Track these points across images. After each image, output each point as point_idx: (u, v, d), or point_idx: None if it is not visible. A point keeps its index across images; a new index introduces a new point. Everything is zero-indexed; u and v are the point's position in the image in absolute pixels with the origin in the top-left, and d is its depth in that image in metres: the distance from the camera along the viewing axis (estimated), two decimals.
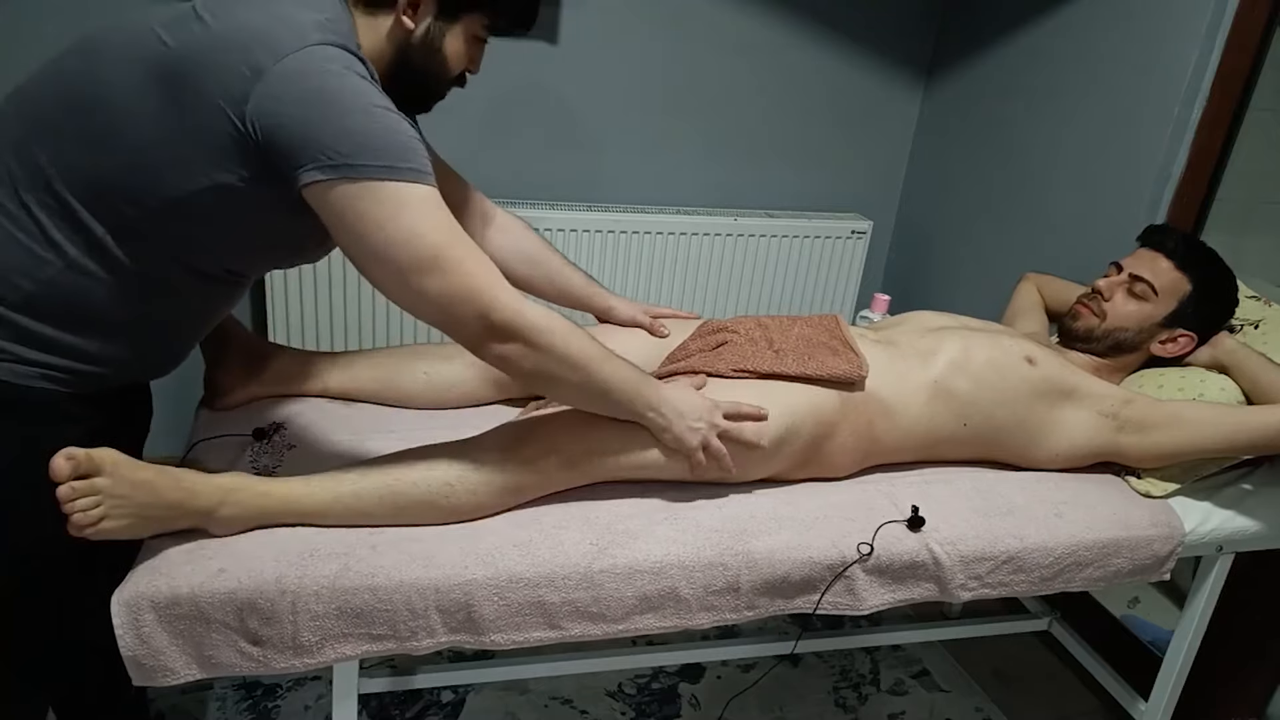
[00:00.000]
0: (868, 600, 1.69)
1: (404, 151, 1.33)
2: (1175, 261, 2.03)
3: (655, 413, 1.58)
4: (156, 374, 1.60)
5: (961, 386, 1.87)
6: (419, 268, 1.34)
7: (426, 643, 1.46)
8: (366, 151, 1.29)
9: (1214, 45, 2.41)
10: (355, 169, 1.29)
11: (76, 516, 1.27)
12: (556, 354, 1.44)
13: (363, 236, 1.33)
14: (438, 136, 2.93)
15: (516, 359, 1.43)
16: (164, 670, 1.37)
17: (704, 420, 1.61)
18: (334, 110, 1.28)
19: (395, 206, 1.31)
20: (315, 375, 1.89)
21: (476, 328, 1.39)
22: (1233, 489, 2.01)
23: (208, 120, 1.29)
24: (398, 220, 1.32)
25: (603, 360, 1.50)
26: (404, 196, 1.32)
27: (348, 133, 1.28)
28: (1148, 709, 2.29)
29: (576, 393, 1.53)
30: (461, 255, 1.36)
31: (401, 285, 1.36)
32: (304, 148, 1.28)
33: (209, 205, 1.35)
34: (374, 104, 1.32)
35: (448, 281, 1.35)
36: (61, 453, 1.25)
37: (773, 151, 3.33)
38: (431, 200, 1.35)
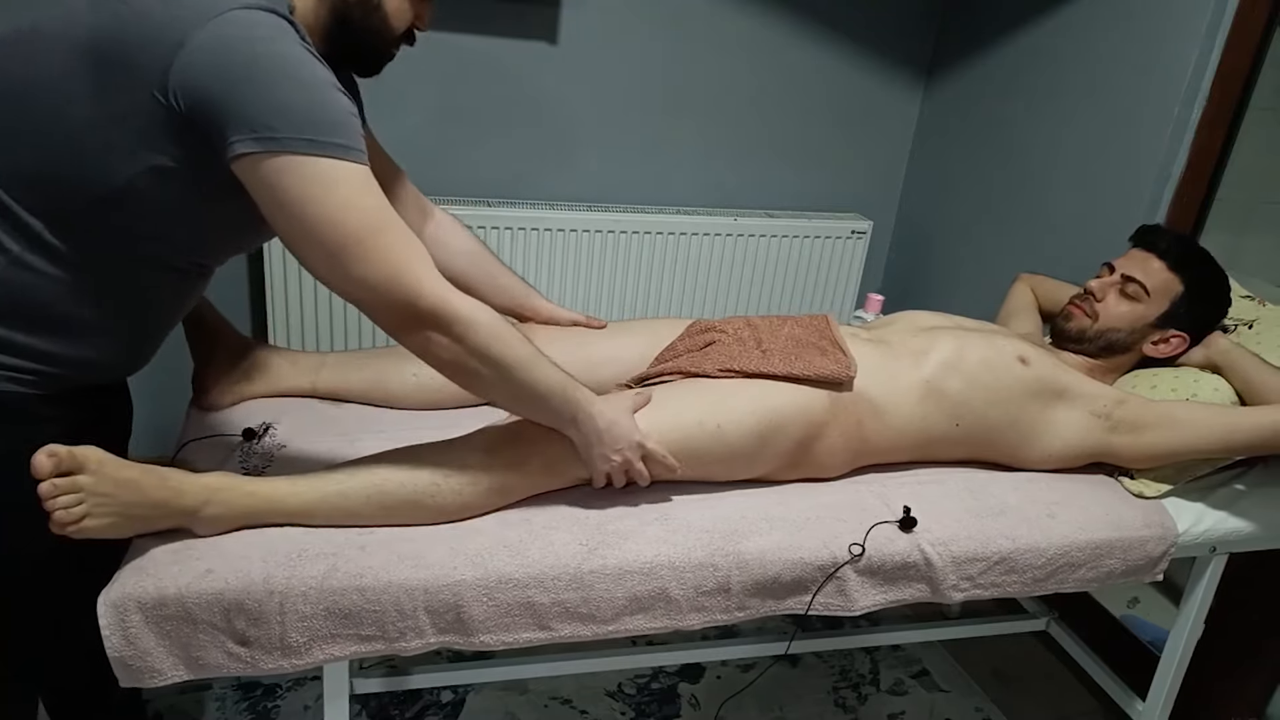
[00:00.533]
0: (859, 601, 1.68)
1: (334, 126, 1.27)
2: (1167, 262, 2.03)
3: (576, 428, 1.54)
4: (125, 371, 1.57)
5: (954, 386, 1.86)
6: (345, 249, 1.29)
7: (415, 643, 1.46)
8: (293, 124, 1.24)
9: (1214, 45, 2.41)
10: (281, 142, 1.23)
11: (58, 514, 1.26)
12: (481, 347, 1.39)
13: (289, 214, 1.28)
14: (438, 136, 2.95)
15: (438, 349, 1.39)
16: (151, 671, 1.37)
17: (622, 454, 1.58)
18: (260, 80, 1.22)
19: (323, 184, 1.26)
20: (305, 375, 1.89)
21: (401, 313, 1.35)
22: (1226, 490, 2.00)
23: (134, 99, 1.24)
24: (325, 199, 1.27)
25: (530, 361, 1.46)
26: (333, 174, 1.27)
27: (274, 104, 1.23)
28: (1145, 709, 2.28)
29: (499, 391, 1.48)
30: (390, 239, 1.32)
31: (328, 266, 1.31)
32: (229, 120, 1.22)
33: (147, 191, 1.31)
34: (304, 74, 1.26)
35: (374, 264, 1.30)
36: (43, 449, 1.24)
37: (773, 151, 3.33)
38: (362, 179, 1.30)
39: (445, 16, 2.82)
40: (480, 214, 2.92)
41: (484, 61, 2.92)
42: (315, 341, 2.91)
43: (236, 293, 2.95)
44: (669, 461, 1.63)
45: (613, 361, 1.91)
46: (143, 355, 1.57)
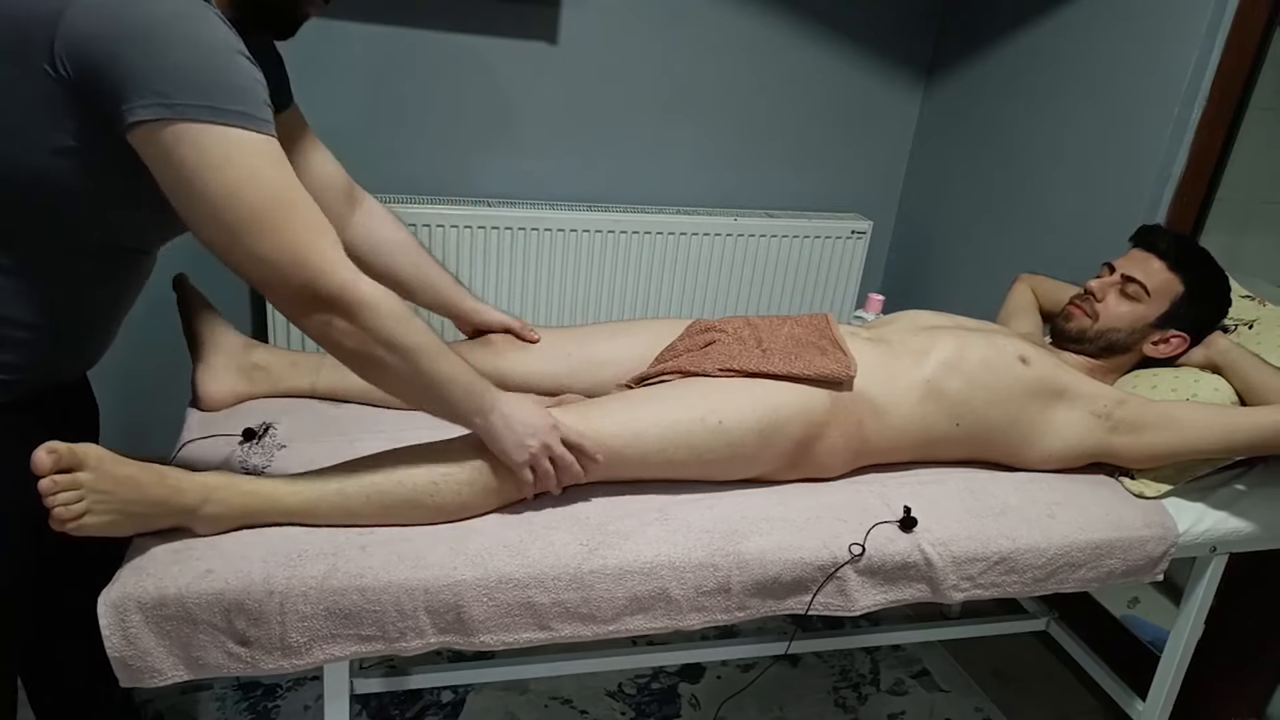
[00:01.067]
0: (859, 601, 1.68)
1: (236, 92, 1.19)
2: (1167, 262, 2.03)
3: (484, 419, 1.48)
4: (83, 366, 1.54)
5: (954, 386, 1.86)
6: (244, 223, 1.21)
7: (416, 643, 1.46)
8: (188, 89, 1.15)
9: (1214, 45, 2.41)
10: (177, 109, 1.15)
11: (58, 511, 1.25)
12: (384, 335, 1.33)
13: (186, 186, 1.20)
14: (438, 136, 2.95)
15: (339, 335, 1.31)
16: (151, 671, 1.37)
17: (537, 439, 1.52)
18: (151, 42, 1.14)
19: (221, 154, 1.18)
20: (305, 376, 1.89)
21: (301, 295, 1.27)
22: (1226, 490, 2.00)
23: (28, 76, 1.17)
24: (225, 169, 1.19)
25: (436, 353, 1.40)
26: (233, 143, 1.19)
27: (169, 67, 1.14)
28: (1145, 709, 2.28)
29: (401, 383, 1.40)
30: (293, 215, 1.25)
31: (226, 242, 1.23)
32: (121, 86, 1.14)
33: (61, 176, 1.24)
34: (203, 35, 1.17)
35: (275, 241, 1.23)
36: (43, 446, 1.23)
37: (773, 151, 3.33)
38: (266, 150, 1.23)
39: (445, 16, 2.82)
40: (480, 214, 2.92)
41: (484, 61, 2.92)
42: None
43: (237, 293, 2.95)
44: (586, 446, 1.58)
45: (613, 361, 1.91)
46: (97, 347, 1.53)
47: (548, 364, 1.90)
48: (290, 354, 1.91)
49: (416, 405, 1.50)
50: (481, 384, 1.48)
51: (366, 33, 2.78)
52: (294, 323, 1.31)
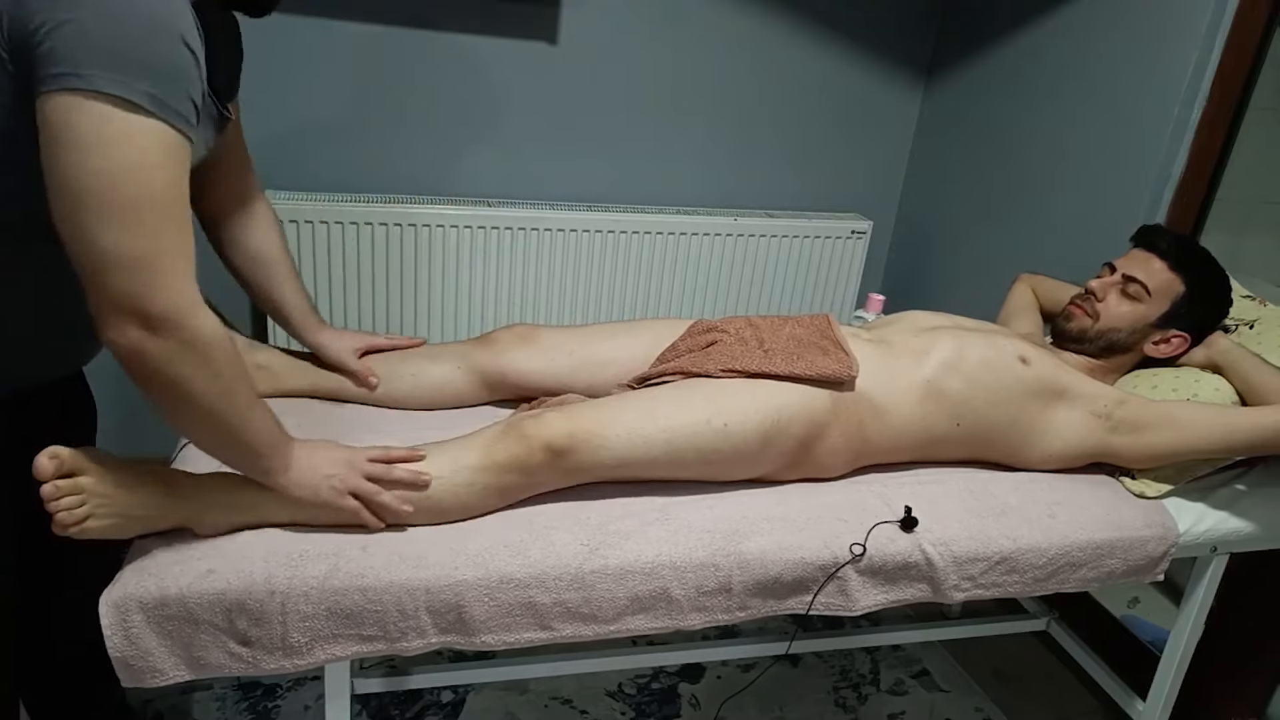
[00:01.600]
0: (860, 601, 1.68)
1: (153, 74, 1.11)
2: (1168, 262, 2.03)
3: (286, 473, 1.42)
4: (73, 362, 1.52)
5: (954, 386, 1.86)
6: (106, 211, 1.11)
7: (417, 643, 1.46)
8: (98, 59, 1.07)
9: (1214, 45, 2.41)
10: (83, 78, 1.07)
11: (61, 515, 1.25)
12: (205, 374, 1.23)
13: (62, 154, 1.10)
14: (438, 136, 2.95)
15: (157, 360, 1.19)
16: (152, 671, 1.37)
17: (337, 476, 1.45)
18: (83, 10, 1.07)
19: (115, 133, 1.10)
20: (305, 376, 1.89)
21: (127, 303, 1.15)
22: (1227, 490, 2.00)
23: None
24: (110, 150, 1.10)
25: (251, 403, 1.33)
26: (131, 126, 1.11)
27: (83, 35, 1.07)
28: (1145, 709, 2.28)
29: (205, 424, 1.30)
30: (162, 222, 1.15)
31: (74, 220, 1.12)
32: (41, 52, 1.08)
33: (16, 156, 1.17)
34: (138, 10, 1.10)
35: (128, 242, 1.13)
36: (45, 451, 1.23)
37: (773, 151, 3.33)
38: (164, 143, 1.14)
39: (445, 16, 2.82)
40: (480, 214, 2.92)
41: (484, 61, 2.91)
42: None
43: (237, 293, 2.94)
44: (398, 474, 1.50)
45: (614, 361, 1.91)
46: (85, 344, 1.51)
47: (550, 363, 1.90)
48: (290, 354, 1.91)
49: (205, 449, 1.37)
50: (285, 437, 1.42)
51: (366, 32, 2.78)
52: (100, 327, 1.18)
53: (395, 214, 2.84)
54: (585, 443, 1.59)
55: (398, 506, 1.49)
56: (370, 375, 1.87)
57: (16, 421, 1.41)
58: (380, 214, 2.82)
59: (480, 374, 1.90)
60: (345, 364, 1.86)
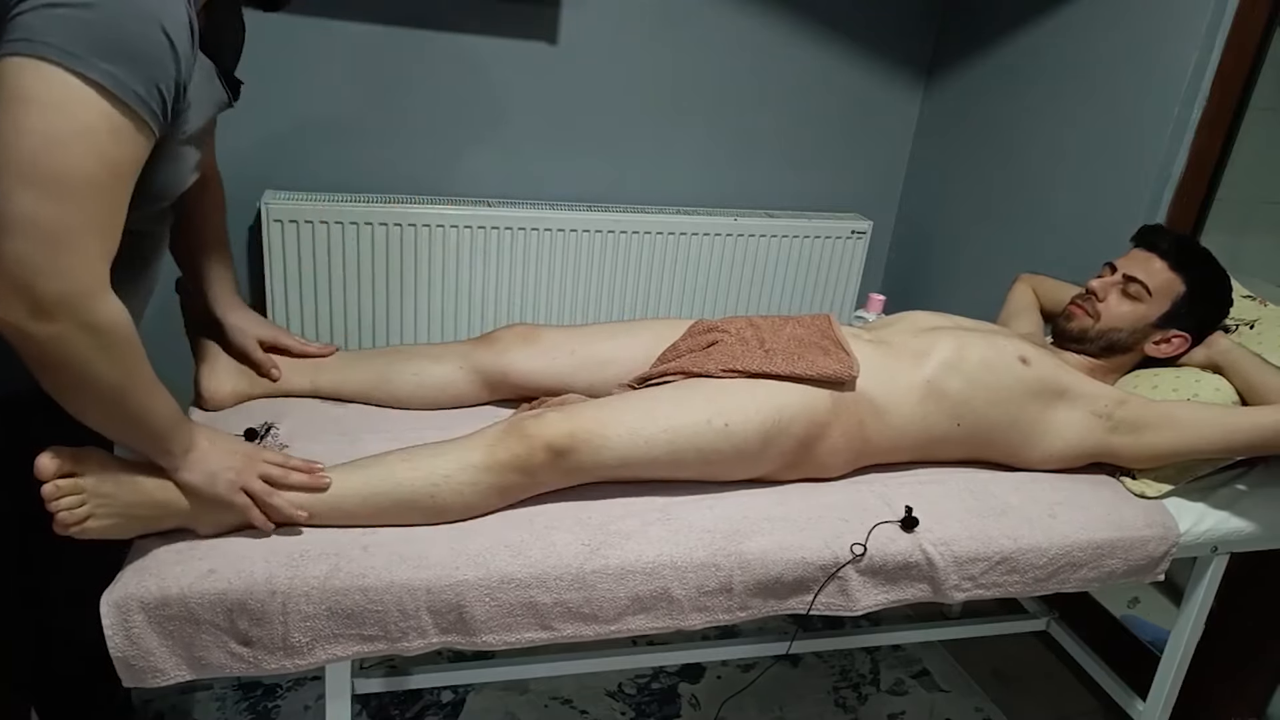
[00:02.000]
0: (861, 601, 1.68)
1: (115, 54, 1.08)
2: (1169, 262, 2.03)
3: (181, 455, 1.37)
4: None
5: (955, 386, 1.86)
6: (23, 172, 1.06)
7: (418, 643, 1.46)
8: (62, 32, 1.04)
9: (1214, 45, 2.41)
10: (34, 45, 1.04)
11: (61, 515, 1.26)
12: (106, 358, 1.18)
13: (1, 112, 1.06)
14: (438, 136, 2.95)
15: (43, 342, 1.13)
16: (154, 671, 1.37)
17: (234, 470, 1.42)
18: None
19: (57, 98, 1.06)
20: (306, 375, 1.89)
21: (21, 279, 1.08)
22: (1227, 490, 2.00)
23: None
24: (53, 115, 1.06)
25: (151, 387, 1.28)
26: (77, 95, 1.06)
27: (52, 7, 1.04)
28: (1146, 709, 2.28)
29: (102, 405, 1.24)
30: (88, 203, 1.10)
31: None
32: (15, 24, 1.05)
33: None
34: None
35: (42, 212, 1.07)
36: (46, 451, 1.24)
37: (773, 151, 3.33)
38: (112, 122, 1.10)
39: (445, 16, 2.82)
40: (480, 214, 2.92)
41: (484, 61, 2.91)
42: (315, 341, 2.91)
43: None
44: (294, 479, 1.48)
45: (615, 361, 1.91)
46: None
47: (551, 362, 1.90)
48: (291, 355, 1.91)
49: (105, 433, 1.31)
50: (186, 423, 1.38)
51: (366, 32, 2.78)
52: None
53: (395, 214, 2.84)
54: (586, 443, 1.59)
55: (290, 511, 1.46)
56: (273, 368, 1.85)
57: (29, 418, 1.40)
58: (380, 214, 2.82)
59: (482, 373, 1.90)
60: (249, 351, 1.83)
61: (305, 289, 2.85)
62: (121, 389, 1.22)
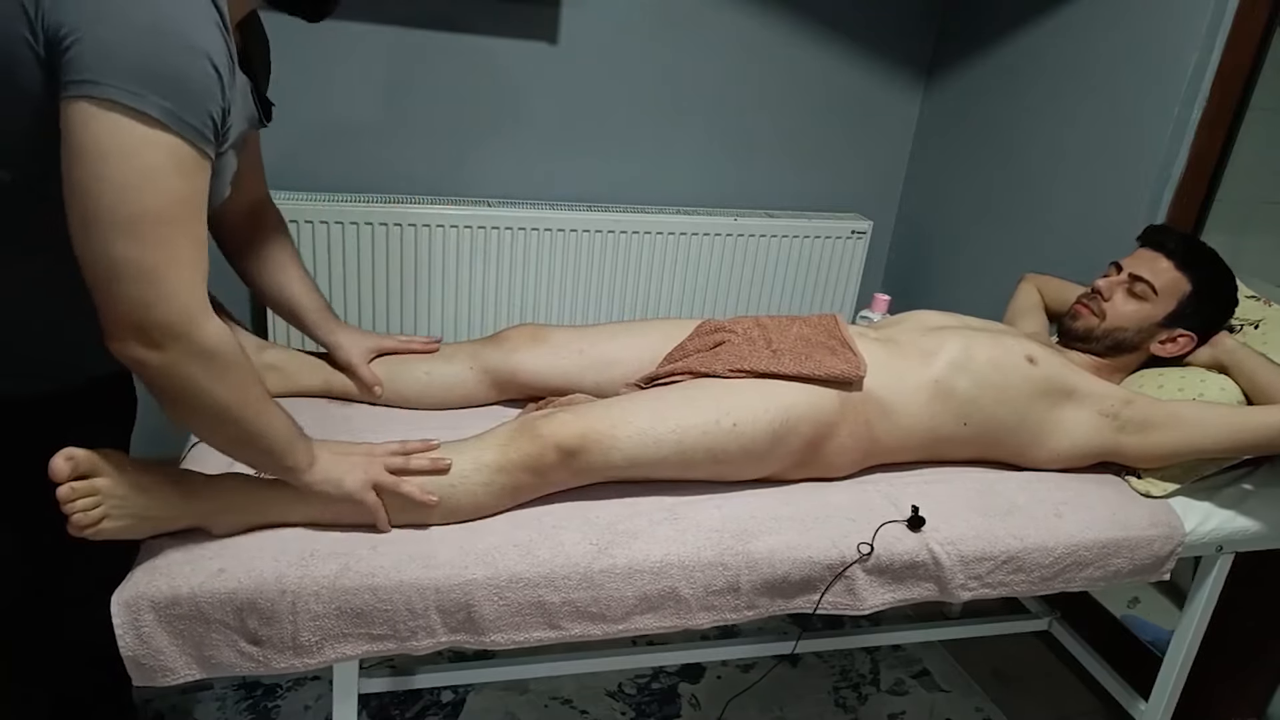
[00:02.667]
0: (868, 600, 1.69)
1: (172, 90, 1.12)
2: (1175, 261, 2.03)
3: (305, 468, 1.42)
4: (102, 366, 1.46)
5: (962, 386, 1.86)
6: (115, 221, 1.12)
7: (426, 643, 1.46)
8: (117, 71, 1.08)
9: (1214, 45, 2.42)
10: (101, 87, 1.08)
11: (76, 517, 1.26)
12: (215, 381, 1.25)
13: (78, 162, 1.11)
14: (437, 136, 2.94)
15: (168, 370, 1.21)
16: (164, 670, 1.37)
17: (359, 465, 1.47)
18: (103, 17, 1.09)
19: (131, 144, 1.11)
20: (316, 375, 1.88)
21: (132, 317, 1.16)
22: (1233, 489, 2.01)
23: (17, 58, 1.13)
24: (125, 161, 1.11)
25: (263, 404, 1.33)
26: (148, 138, 1.12)
27: (107, 45, 1.08)
28: (1148, 709, 2.29)
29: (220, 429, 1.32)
30: (171, 236, 1.16)
31: (86, 229, 1.13)
32: (69, 60, 1.09)
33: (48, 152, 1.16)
34: (163, 25, 1.11)
35: (135, 253, 1.13)
36: (61, 453, 1.23)
37: (773, 151, 3.33)
38: (176, 155, 1.15)
39: (445, 16, 2.81)
40: (480, 214, 2.91)
41: (484, 61, 2.91)
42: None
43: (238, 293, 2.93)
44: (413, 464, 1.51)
45: (621, 361, 1.91)
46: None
47: (560, 361, 1.90)
48: (300, 353, 1.91)
49: (228, 454, 1.39)
50: (302, 436, 1.43)
51: (365, 32, 2.77)
52: (109, 340, 1.20)
53: (396, 214, 2.83)
54: (597, 443, 1.60)
55: (422, 497, 1.49)
56: (375, 384, 1.87)
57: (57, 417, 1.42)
58: (380, 214, 2.81)
59: (490, 373, 1.90)
60: (355, 368, 1.86)
61: None
62: (235, 408, 1.28)
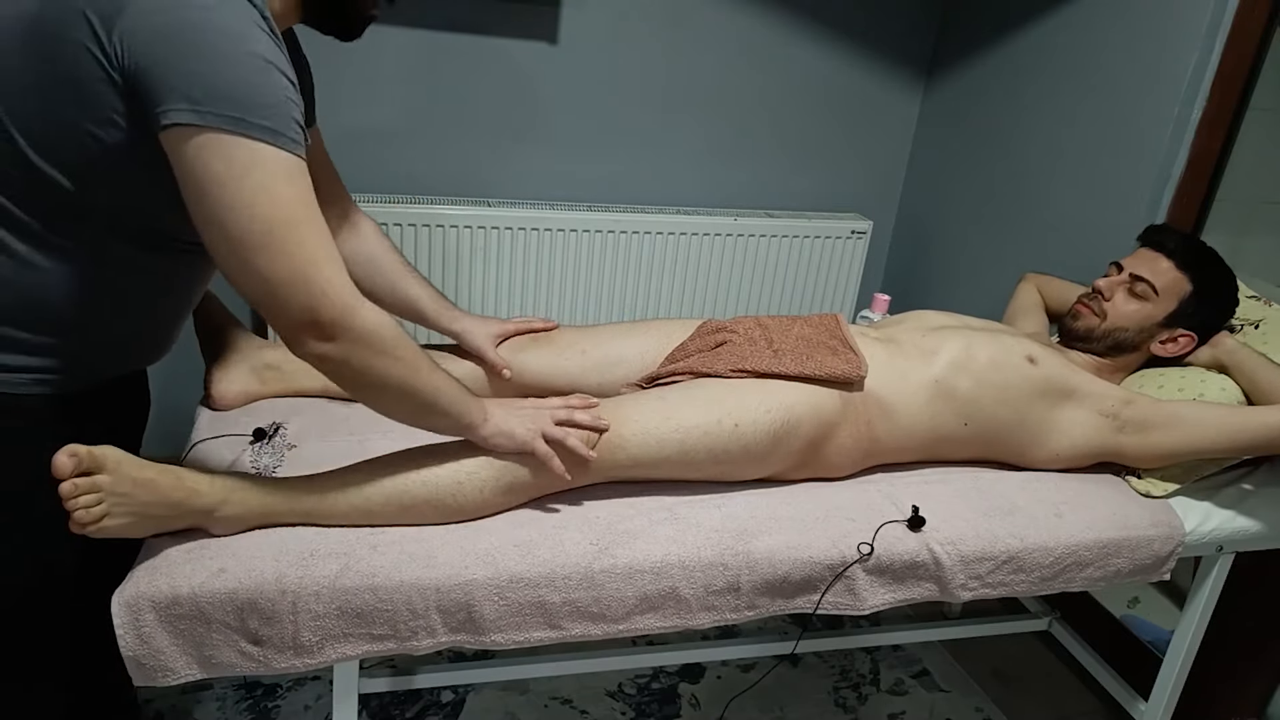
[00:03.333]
0: (868, 600, 1.69)
1: (265, 108, 1.20)
2: (1175, 261, 2.03)
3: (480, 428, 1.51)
4: (145, 361, 1.55)
5: (963, 386, 1.86)
6: (251, 240, 1.21)
7: (427, 643, 1.46)
8: (218, 99, 1.16)
9: (1214, 45, 2.41)
10: (205, 117, 1.16)
11: (78, 514, 1.26)
12: (383, 361, 1.35)
13: (201, 194, 1.20)
14: (437, 136, 2.94)
15: (337, 361, 1.32)
16: (164, 670, 1.37)
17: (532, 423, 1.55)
18: (190, 48, 1.15)
19: (242, 167, 1.19)
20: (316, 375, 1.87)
21: (299, 319, 1.27)
22: (1233, 489, 2.01)
23: (82, 72, 1.18)
24: (241, 183, 1.19)
25: (430, 373, 1.42)
26: (254, 157, 1.19)
27: (199, 75, 1.15)
28: (1148, 709, 2.29)
29: (398, 404, 1.43)
30: (303, 235, 1.24)
31: (229, 255, 1.23)
32: (158, 89, 1.16)
33: (116, 169, 1.26)
34: (239, 48, 1.18)
35: (279, 262, 1.22)
36: (64, 449, 1.23)
37: (773, 151, 3.33)
38: (286, 166, 1.23)
39: (445, 16, 2.81)
40: (480, 214, 2.91)
41: (484, 61, 2.91)
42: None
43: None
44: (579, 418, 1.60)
45: (623, 361, 1.91)
46: (161, 343, 1.54)
47: (562, 361, 1.90)
48: None
49: (411, 424, 1.48)
50: (471, 397, 1.51)
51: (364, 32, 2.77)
52: (289, 346, 1.31)
53: (395, 214, 2.83)
54: (600, 443, 1.60)
55: (583, 450, 1.57)
56: (505, 368, 1.92)
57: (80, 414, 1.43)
58: (380, 214, 2.81)
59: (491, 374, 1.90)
60: (483, 353, 1.92)
61: None
62: (410, 380, 1.39)
